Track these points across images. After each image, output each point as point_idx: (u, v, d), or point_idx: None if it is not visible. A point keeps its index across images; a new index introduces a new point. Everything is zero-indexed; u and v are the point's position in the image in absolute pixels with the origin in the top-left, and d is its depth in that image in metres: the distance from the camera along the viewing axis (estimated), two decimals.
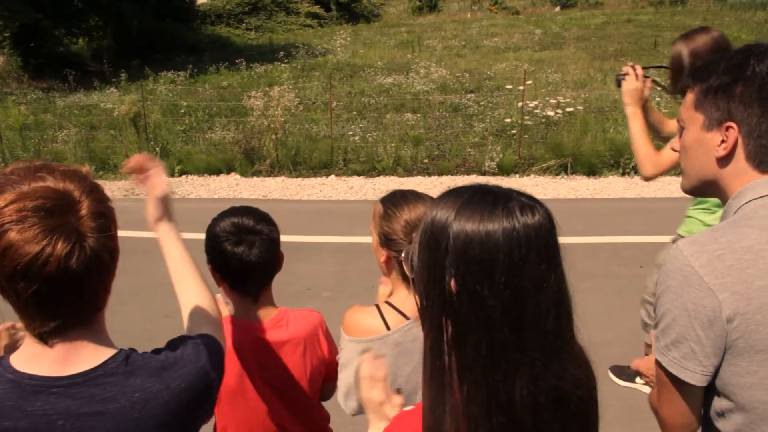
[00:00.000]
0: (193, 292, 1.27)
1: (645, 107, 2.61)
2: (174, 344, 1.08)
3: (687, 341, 1.11)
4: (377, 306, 1.49)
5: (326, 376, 1.74)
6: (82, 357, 0.96)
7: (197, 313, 1.24)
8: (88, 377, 0.95)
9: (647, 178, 2.57)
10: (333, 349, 1.72)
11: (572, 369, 0.97)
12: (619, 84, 2.69)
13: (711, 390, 1.16)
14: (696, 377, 1.12)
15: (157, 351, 1.06)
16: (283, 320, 1.63)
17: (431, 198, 1.60)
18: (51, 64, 13.64)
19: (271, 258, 1.58)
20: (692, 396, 1.17)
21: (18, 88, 12.35)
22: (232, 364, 1.58)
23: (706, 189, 1.26)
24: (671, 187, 6.84)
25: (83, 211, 0.93)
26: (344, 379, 1.52)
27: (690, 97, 1.23)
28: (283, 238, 1.66)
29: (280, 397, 1.63)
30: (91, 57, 15.73)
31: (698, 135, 1.22)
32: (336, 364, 1.75)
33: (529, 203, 0.95)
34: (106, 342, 1.01)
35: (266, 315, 1.62)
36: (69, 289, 0.92)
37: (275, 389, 1.62)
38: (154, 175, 1.32)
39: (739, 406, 1.12)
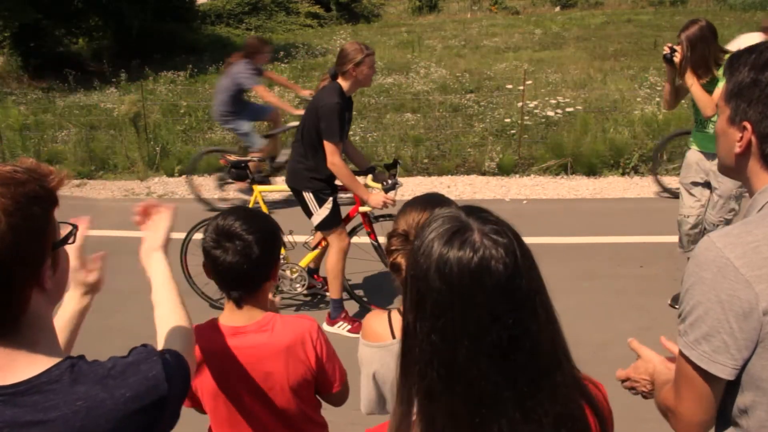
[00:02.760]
0: (168, 309, 1.27)
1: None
2: (130, 353, 1.05)
3: (719, 334, 1.09)
4: (389, 313, 1.49)
5: (323, 386, 1.70)
6: (19, 365, 0.94)
7: (169, 330, 1.24)
8: (32, 385, 0.93)
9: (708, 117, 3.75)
10: (328, 358, 1.67)
11: (530, 426, 0.85)
12: (668, 60, 3.84)
13: (733, 386, 1.15)
14: (726, 371, 1.11)
15: (111, 359, 1.03)
16: (267, 326, 1.60)
17: (436, 205, 1.58)
18: (51, 64, 13.61)
19: (250, 265, 1.53)
20: (717, 391, 1.15)
21: (18, 88, 12.33)
22: (212, 368, 1.57)
23: (733, 175, 1.28)
24: (671, 187, 6.83)
25: None
26: (362, 379, 1.52)
27: (724, 87, 1.24)
28: (283, 238, 1.65)
29: (262, 402, 1.61)
30: (91, 57, 15.71)
31: (724, 127, 1.24)
32: (335, 372, 1.73)
33: (482, 241, 0.83)
34: (48, 349, 0.98)
35: (250, 319, 1.60)
36: None
37: (256, 394, 1.60)
38: (161, 218, 1.37)
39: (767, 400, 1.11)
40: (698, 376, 1.14)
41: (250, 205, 4.33)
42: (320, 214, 3.83)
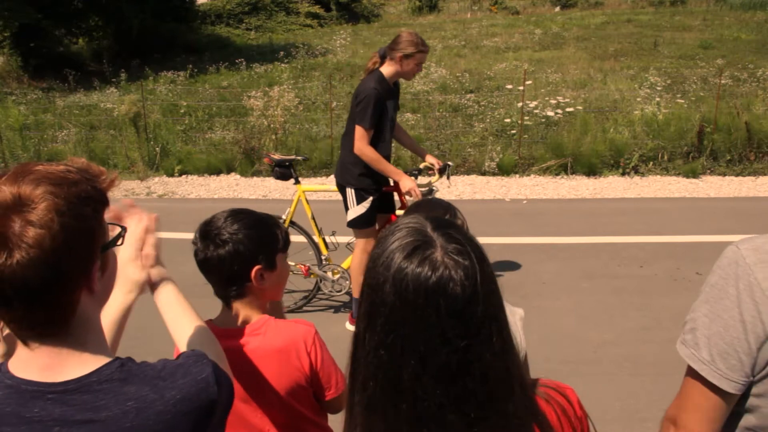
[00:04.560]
0: (197, 338, 1.24)
1: None
2: (179, 356, 1.05)
3: (737, 353, 1.05)
4: None
5: (318, 392, 1.67)
6: (68, 364, 0.94)
7: (200, 348, 1.20)
8: (82, 384, 0.93)
9: None
10: (324, 365, 1.64)
11: None
12: None
13: (740, 404, 1.11)
14: (738, 387, 1.07)
15: (160, 361, 1.03)
16: (260, 329, 1.57)
17: (440, 211, 1.57)
18: (51, 64, 13.63)
19: (219, 265, 1.51)
20: (729, 406, 1.10)
21: (18, 88, 12.34)
22: None
23: None
24: (671, 187, 6.84)
25: (32, 217, 0.87)
26: None
27: None
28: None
29: (257, 405, 1.60)
30: (91, 57, 15.73)
31: None
32: (331, 379, 1.70)
33: (443, 260, 0.80)
34: (96, 350, 0.98)
35: (244, 322, 1.58)
36: (16, 296, 0.88)
37: (250, 397, 1.59)
38: (138, 228, 1.30)
39: None
40: (713, 392, 1.09)
41: (293, 205, 4.19)
42: (356, 210, 3.80)
